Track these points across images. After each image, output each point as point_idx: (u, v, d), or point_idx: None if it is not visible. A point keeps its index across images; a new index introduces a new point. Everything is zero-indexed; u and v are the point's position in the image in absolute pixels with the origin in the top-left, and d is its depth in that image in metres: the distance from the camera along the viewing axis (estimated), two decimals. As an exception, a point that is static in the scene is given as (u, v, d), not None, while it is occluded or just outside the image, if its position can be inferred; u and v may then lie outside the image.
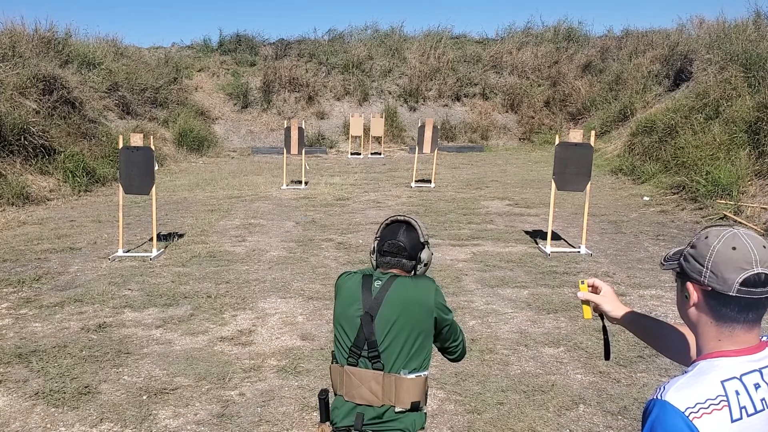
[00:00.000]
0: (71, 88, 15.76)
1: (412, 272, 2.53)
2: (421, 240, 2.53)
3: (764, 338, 1.53)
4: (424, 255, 2.53)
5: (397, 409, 2.34)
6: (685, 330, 1.81)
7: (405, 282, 2.43)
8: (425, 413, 2.44)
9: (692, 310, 1.52)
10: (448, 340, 2.51)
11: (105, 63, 19.21)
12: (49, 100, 14.51)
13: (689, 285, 1.50)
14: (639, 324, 2.00)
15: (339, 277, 2.58)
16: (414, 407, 2.35)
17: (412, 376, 2.35)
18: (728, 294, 1.43)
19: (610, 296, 2.05)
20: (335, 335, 2.47)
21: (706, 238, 1.48)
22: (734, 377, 1.42)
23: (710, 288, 1.45)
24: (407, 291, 2.39)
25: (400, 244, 2.48)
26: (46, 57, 16.49)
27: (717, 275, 1.44)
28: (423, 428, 2.39)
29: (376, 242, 2.56)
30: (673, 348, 1.90)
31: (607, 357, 2.19)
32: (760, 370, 1.45)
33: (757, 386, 1.43)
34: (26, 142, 12.75)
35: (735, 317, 1.45)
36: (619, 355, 5.20)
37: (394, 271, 2.48)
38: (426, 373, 2.40)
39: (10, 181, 11.77)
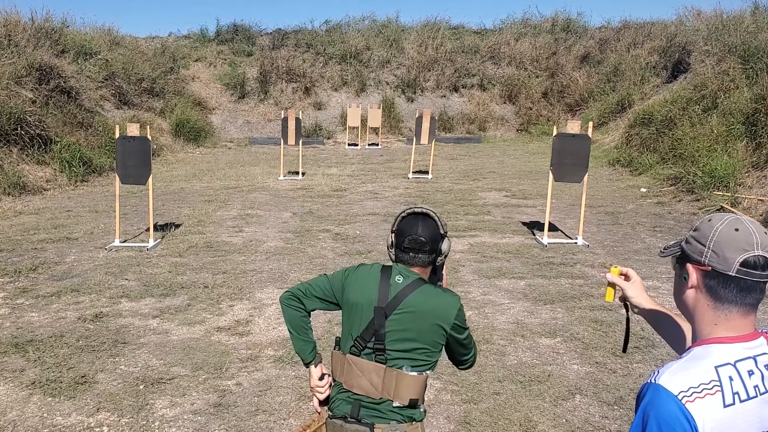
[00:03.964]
0: (67, 77, 15.69)
1: (432, 265, 2.47)
2: (441, 232, 2.46)
3: (763, 330, 1.53)
4: (444, 246, 2.47)
5: (395, 404, 2.32)
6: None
7: (430, 292, 2.37)
8: (424, 410, 2.42)
9: (690, 293, 1.52)
10: (459, 353, 2.48)
11: (101, 53, 19.12)
12: (45, 89, 14.45)
13: (689, 266, 1.52)
14: (656, 317, 1.98)
15: (359, 265, 2.52)
16: (412, 404, 2.34)
17: (414, 373, 2.33)
18: (727, 273, 1.44)
19: (637, 285, 2.01)
20: (343, 320, 2.43)
21: (710, 221, 1.51)
22: (728, 363, 1.43)
23: (710, 268, 1.46)
24: (430, 302, 2.34)
25: (421, 240, 2.40)
26: (43, 46, 16.39)
27: (718, 254, 1.45)
28: (420, 421, 2.39)
29: (394, 236, 2.48)
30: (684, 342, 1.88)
31: (624, 349, 2.18)
32: (754, 357, 1.46)
33: (750, 373, 1.44)
34: (23, 132, 12.70)
35: (733, 299, 1.46)
36: (615, 346, 5.21)
37: (417, 270, 2.42)
38: (429, 372, 2.38)
39: (7, 170, 11.73)
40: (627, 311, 2.05)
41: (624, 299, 2.01)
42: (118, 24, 39.71)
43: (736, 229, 1.45)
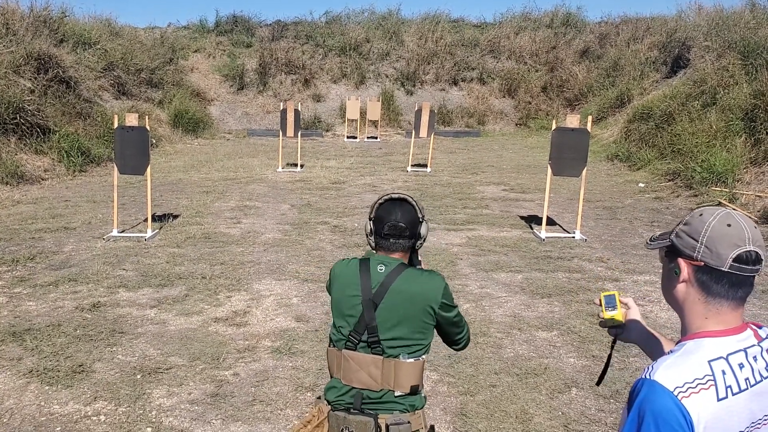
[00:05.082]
0: (66, 67, 15.62)
1: (412, 249, 2.50)
2: (419, 216, 2.49)
3: (762, 330, 1.55)
4: (422, 230, 2.50)
5: (397, 394, 2.33)
6: None
7: (414, 275, 2.39)
8: (424, 396, 2.44)
9: (681, 287, 1.53)
10: (452, 333, 2.50)
11: (100, 43, 19.05)
12: (43, 78, 14.40)
13: (680, 261, 1.52)
14: (649, 343, 1.95)
15: (334, 265, 2.54)
16: (413, 391, 2.35)
17: (412, 360, 2.34)
18: (721, 269, 1.46)
19: (638, 312, 1.99)
20: (333, 320, 2.44)
21: (701, 215, 1.51)
22: (721, 357, 1.45)
23: (703, 263, 1.48)
24: (415, 285, 2.36)
25: (401, 225, 2.42)
26: (41, 36, 16.32)
27: (711, 250, 1.46)
28: (421, 408, 2.39)
29: (372, 223, 2.50)
30: None
31: (599, 382, 2.16)
32: (745, 350, 1.48)
33: (741, 366, 1.45)
34: (21, 121, 12.66)
35: (724, 294, 1.48)
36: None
37: (397, 255, 2.45)
38: (425, 356, 2.39)
39: (5, 160, 11.70)
40: (612, 348, 2.04)
41: (614, 335, 1.98)
42: (117, 14, 39.54)
43: (729, 225, 1.46)
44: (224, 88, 22.86)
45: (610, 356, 2.06)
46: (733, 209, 7.71)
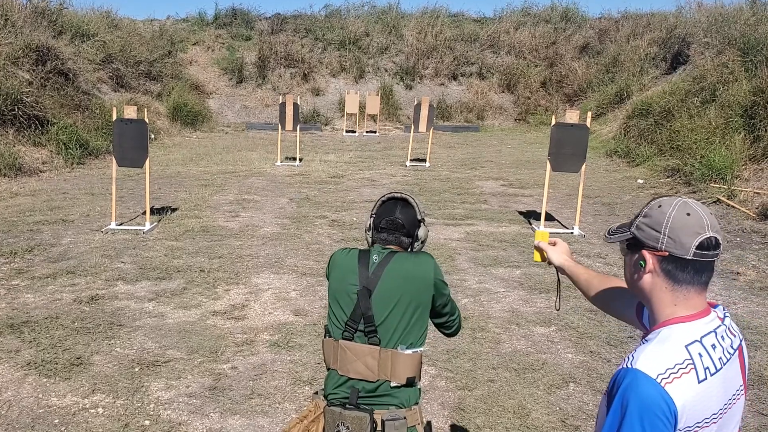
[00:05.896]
0: (65, 59, 15.58)
1: (409, 249, 2.52)
2: (418, 217, 2.52)
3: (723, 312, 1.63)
4: (421, 233, 2.52)
5: (393, 384, 2.33)
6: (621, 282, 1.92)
7: (404, 257, 2.42)
8: (419, 389, 2.44)
9: (647, 278, 1.57)
10: (445, 314, 2.51)
11: (99, 35, 18.99)
12: (42, 70, 14.36)
13: (645, 252, 1.56)
14: (581, 277, 2.20)
15: (334, 252, 2.56)
16: (409, 382, 2.35)
17: (409, 351, 2.34)
18: (685, 257, 1.50)
19: (560, 249, 2.30)
20: (330, 309, 2.45)
21: (660, 206, 1.56)
22: (696, 340, 1.49)
23: (667, 253, 1.52)
24: (406, 265, 2.38)
25: (398, 222, 2.46)
26: (39, 27, 16.27)
27: (674, 240, 1.51)
28: (417, 403, 2.40)
29: (372, 219, 2.53)
30: (615, 301, 2.01)
31: (558, 308, 2.59)
32: (714, 331, 1.54)
33: (714, 347, 1.51)
34: (19, 113, 12.63)
35: (690, 280, 1.53)
36: (610, 335, 5.24)
37: (392, 247, 2.47)
38: (422, 349, 2.40)
39: (3, 152, 11.67)
40: (558, 275, 2.36)
41: (550, 261, 2.28)
42: (115, 6, 39.35)
43: (688, 214, 1.51)
44: (223, 81, 22.82)
45: (558, 282, 2.46)
46: (733, 206, 7.64)
